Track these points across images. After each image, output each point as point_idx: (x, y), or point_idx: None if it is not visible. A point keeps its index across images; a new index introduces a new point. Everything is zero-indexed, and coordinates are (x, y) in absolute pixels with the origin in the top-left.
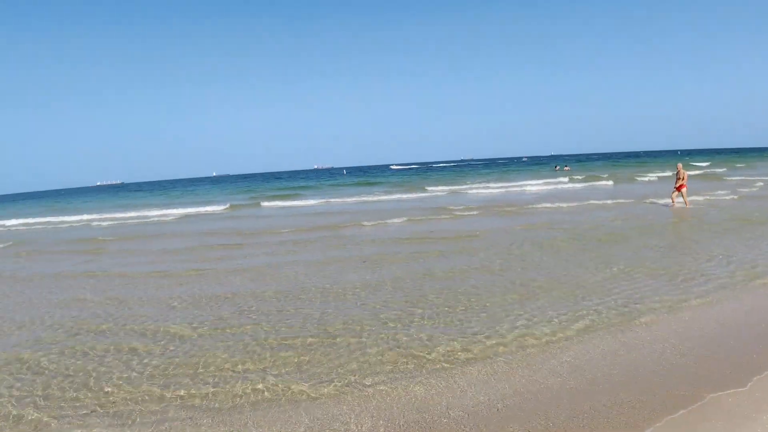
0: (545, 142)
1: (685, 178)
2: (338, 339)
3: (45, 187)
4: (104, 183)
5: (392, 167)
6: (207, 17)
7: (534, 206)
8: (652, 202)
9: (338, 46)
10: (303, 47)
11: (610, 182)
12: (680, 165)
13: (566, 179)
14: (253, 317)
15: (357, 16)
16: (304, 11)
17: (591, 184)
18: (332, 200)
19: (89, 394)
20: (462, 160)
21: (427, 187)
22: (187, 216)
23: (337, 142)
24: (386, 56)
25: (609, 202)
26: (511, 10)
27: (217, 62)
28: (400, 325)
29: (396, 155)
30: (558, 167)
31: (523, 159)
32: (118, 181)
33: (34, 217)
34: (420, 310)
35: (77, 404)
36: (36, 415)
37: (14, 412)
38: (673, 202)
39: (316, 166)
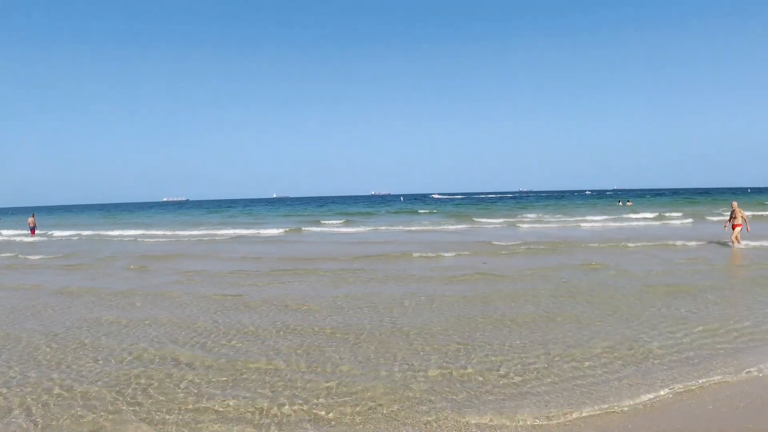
0: (609, 174)
1: (744, 217)
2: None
3: (119, 200)
4: (170, 199)
5: (434, 196)
6: (273, 45)
7: (591, 245)
8: (724, 243)
9: (393, 71)
10: (356, 72)
11: (686, 220)
12: (735, 203)
13: (633, 215)
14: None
15: (416, 44)
16: (356, 35)
17: (663, 223)
18: (389, 228)
19: None
20: (519, 192)
21: (476, 218)
22: (242, 236)
23: (394, 168)
24: (444, 81)
25: (681, 243)
26: (579, 36)
27: (279, 87)
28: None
29: (451, 184)
30: (621, 202)
31: (586, 192)
32: (183, 198)
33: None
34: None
35: None
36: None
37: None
38: (736, 242)
39: (373, 192)
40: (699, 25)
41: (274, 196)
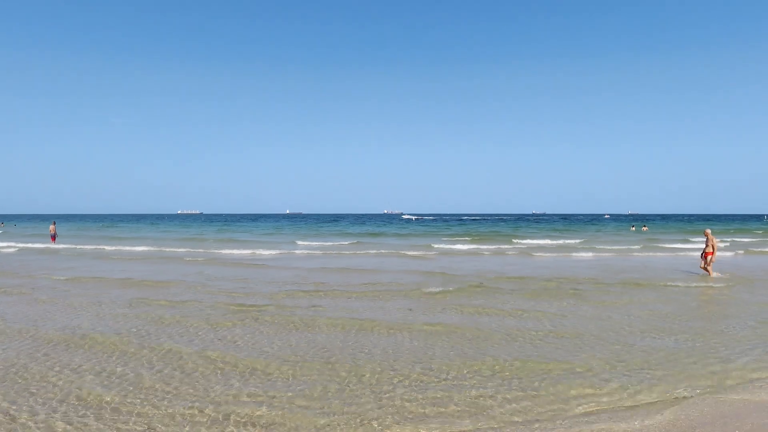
0: (627, 198)
1: (715, 246)
2: None
3: (134, 211)
4: (184, 212)
5: (404, 216)
6: (297, 63)
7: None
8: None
9: (413, 91)
10: (366, 92)
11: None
12: (708, 231)
13: (637, 246)
14: None
15: (433, 65)
16: (373, 55)
17: (675, 254)
18: (408, 252)
19: None
20: (533, 214)
21: (436, 244)
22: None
23: (408, 187)
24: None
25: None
26: (607, 58)
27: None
28: None
29: (466, 205)
30: (635, 227)
31: (605, 216)
32: (197, 211)
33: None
34: None
35: None
36: None
37: None
38: (709, 271)
39: (385, 211)
40: (725, 48)
41: (287, 212)
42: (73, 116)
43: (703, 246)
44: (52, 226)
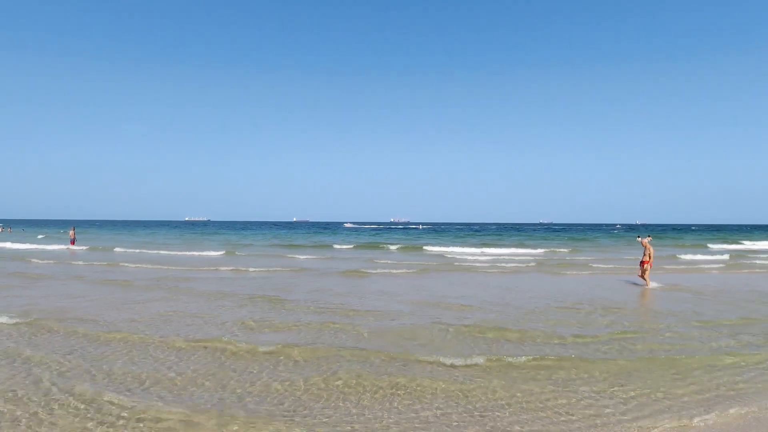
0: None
1: (652, 255)
2: None
3: (141, 217)
4: (192, 219)
5: (345, 225)
6: (302, 70)
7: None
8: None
9: (425, 98)
10: (384, 98)
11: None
12: (646, 240)
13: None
14: None
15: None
16: (382, 62)
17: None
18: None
19: None
20: (540, 224)
21: (376, 259)
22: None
23: (415, 196)
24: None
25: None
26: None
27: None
28: None
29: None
30: (640, 237)
31: (617, 226)
32: (205, 218)
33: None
34: None
35: None
36: None
37: None
38: (645, 281)
39: (392, 219)
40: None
41: (294, 219)
42: (86, 122)
43: (641, 256)
44: (71, 231)
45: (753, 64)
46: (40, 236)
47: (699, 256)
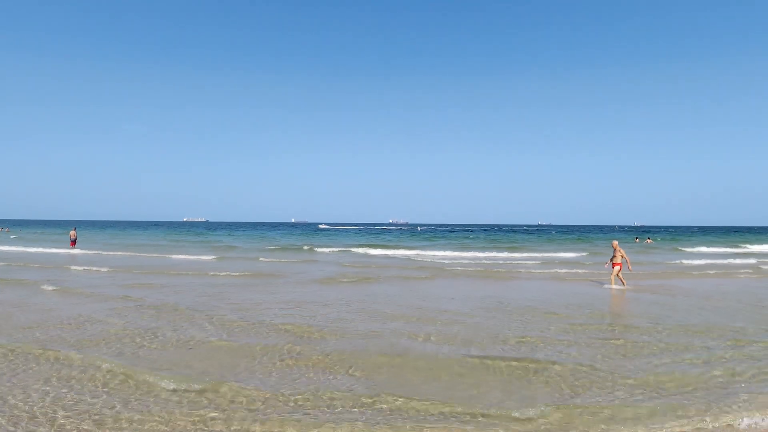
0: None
1: (624, 257)
2: None
3: (139, 218)
4: (190, 219)
5: (320, 226)
6: (303, 71)
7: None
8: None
9: (426, 100)
10: (384, 100)
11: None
12: (616, 242)
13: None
14: None
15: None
16: (380, 64)
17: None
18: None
19: None
20: (539, 225)
21: (316, 248)
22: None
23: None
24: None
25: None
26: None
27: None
28: None
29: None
30: (639, 239)
31: (615, 227)
32: (203, 219)
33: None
34: None
35: None
36: None
37: None
38: (617, 282)
39: (391, 220)
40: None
41: (293, 221)
42: (85, 122)
43: (610, 258)
44: (72, 232)
45: (753, 64)
46: (12, 236)
47: (686, 261)
